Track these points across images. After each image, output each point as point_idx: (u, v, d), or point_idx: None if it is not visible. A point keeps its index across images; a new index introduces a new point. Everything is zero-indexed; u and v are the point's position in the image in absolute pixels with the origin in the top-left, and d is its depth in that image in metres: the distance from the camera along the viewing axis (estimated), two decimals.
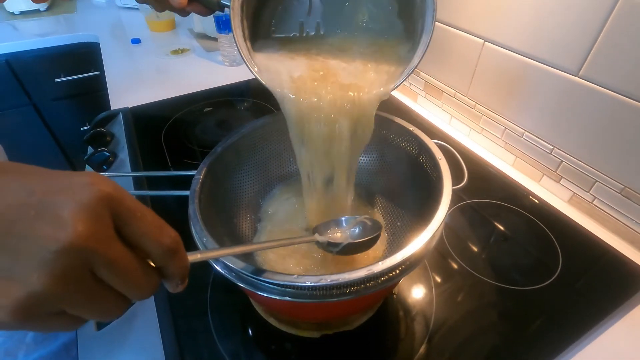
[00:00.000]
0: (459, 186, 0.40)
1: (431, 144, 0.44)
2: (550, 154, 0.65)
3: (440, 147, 0.44)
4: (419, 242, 0.33)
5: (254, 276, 0.32)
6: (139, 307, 0.51)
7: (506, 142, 0.73)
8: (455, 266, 0.55)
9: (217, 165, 0.47)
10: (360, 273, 0.31)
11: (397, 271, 0.34)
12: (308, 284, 0.31)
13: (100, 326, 0.51)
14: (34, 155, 1.53)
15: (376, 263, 0.31)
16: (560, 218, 0.61)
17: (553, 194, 0.68)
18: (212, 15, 0.71)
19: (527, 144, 0.69)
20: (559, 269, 0.54)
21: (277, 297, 0.32)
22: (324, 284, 0.31)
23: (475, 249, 0.57)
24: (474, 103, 0.77)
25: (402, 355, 0.45)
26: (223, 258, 0.34)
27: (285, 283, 0.31)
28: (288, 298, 0.32)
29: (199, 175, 0.43)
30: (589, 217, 0.63)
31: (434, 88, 0.86)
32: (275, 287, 0.32)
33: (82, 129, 1.50)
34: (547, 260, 0.55)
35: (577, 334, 0.46)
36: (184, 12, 0.55)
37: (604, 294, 0.51)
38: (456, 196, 0.62)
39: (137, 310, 0.51)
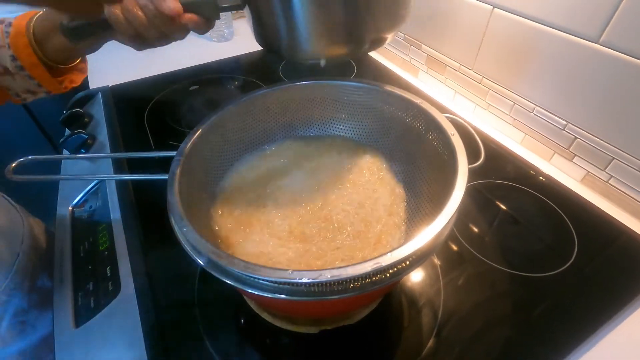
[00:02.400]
0: (475, 165, 0.35)
1: (442, 118, 0.39)
2: (563, 130, 0.61)
3: (451, 122, 0.39)
4: (433, 228, 0.28)
5: (242, 272, 0.27)
6: (118, 301, 0.47)
7: (515, 119, 0.68)
8: (463, 252, 0.50)
9: (201, 145, 0.42)
10: (366, 267, 0.26)
11: (407, 263, 0.29)
12: (305, 280, 0.26)
13: (78, 323, 0.47)
14: (15, 139, 1.45)
15: (384, 255, 0.27)
16: (574, 199, 0.57)
17: (565, 174, 0.63)
18: None
19: (537, 119, 0.64)
20: (575, 253, 0.50)
21: (269, 295, 0.28)
22: (323, 280, 0.26)
23: (484, 233, 0.53)
24: (480, 77, 0.71)
25: (409, 350, 0.41)
26: (208, 252, 0.29)
27: (279, 280, 0.27)
28: (282, 296, 0.28)
29: (179, 156, 0.38)
30: (604, 198, 0.59)
31: (436, 62, 0.80)
32: (267, 283, 0.28)
33: (65, 112, 1.42)
34: (561, 244, 0.51)
35: (595, 324, 0.43)
36: (178, 32, 0.39)
37: (623, 280, 0.47)
38: None
39: (117, 305, 0.46)
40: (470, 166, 0.33)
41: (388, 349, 0.42)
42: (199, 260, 0.30)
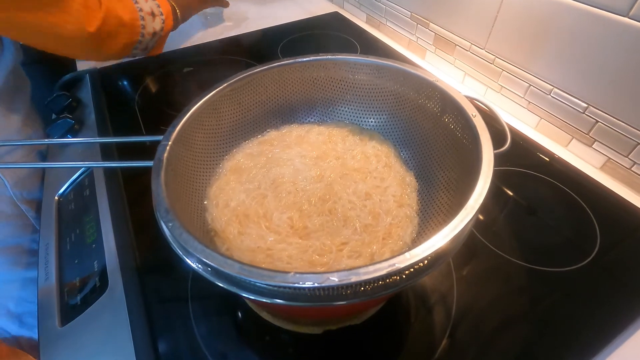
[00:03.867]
0: (501, 150, 0.31)
1: (461, 97, 0.34)
2: (583, 113, 0.56)
3: (471, 102, 0.35)
4: (458, 222, 0.25)
5: (237, 275, 0.24)
6: (106, 298, 0.43)
7: (529, 102, 0.64)
8: (477, 245, 0.47)
9: (192, 129, 0.38)
10: (381, 269, 0.23)
11: (426, 263, 0.25)
12: (309, 284, 0.22)
13: (64, 321, 0.44)
14: None
15: (402, 254, 0.23)
16: (595, 187, 0.54)
17: (583, 160, 0.59)
18: None
19: (555, 102, 0.60)
20: (597, 246, 0.46)
21: (267, 300, 0.24)
22: (331, 284, 0.22)
23: (498, 224, 0.50)
24: (493, 57, 0.67)
25: (421, 351, 0.38)
26: (197, 252, 0.25)
27: (279, 285, 0.23)
28: (281, 301, 0.24)
29: (166, 141, 0.34)
30: (626, 186, 0.55)
31: (445, 41, 0.75)
32: (266, 287, 0.24)
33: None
34: (583, 236, 0.48)
35: (621, 324, 0.39)
36: None
37: None
38: None
39: (104, 302, 0.43)
40: (495, 151, 0.29)
41: (397, 351, 0.39)
42: (187, 260, 0.26)
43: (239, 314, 0.42)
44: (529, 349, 0.38)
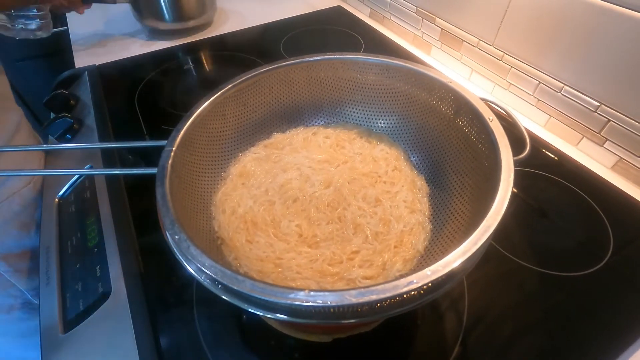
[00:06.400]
0: (520, 156, 0.30)
1: (476, 100, 0.33)
2: (595, 112, 0.55)
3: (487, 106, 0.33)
4: (479, 236, 0.24)
5: (249, 293, 0.22)
6: (109, 305, 0.42)
7: (539, 100, 0.63)
8: (488, 249, 0.45)
9: (196, 133, 0.36)
10: (399, 287, 0.22)
11: (443, 277, 0.24)
12: (323, 304, 0.21)
13: (66, 328, 0.43)
14: None
15: (422, 271, 0.22)
16: (607, 188, 0.52)
17: (594, 160, 0.58)
18: None
19: (565, 100, 0.58)
20: (611, 248, 0.45)
21: (278, 317, 0.23)
22: (347, 303, 0.21)
23: (509, 227, 0.48)
24: (502, 53, 0.65)
25: None
26: (206, 268, 0.24)
27: (293, 304, 0.22)
28: (294, 319, 0.23)
29: (170, 146, 0.33)
30: (638, 187, 0.54)
31: (452, 37, 0.74)
32: (278, 304, 0.23)
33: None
34: (596, 239, 0.47)
35: (638, 330, 0.38)
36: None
37: None
38: None
39: (107, 308, 0.42)
40: (515, 158, 0.28)
41: (408, 359, 0.38)
42: (195, 275, 0.25)
43: (245, 321, 0.41)
44: (544, 357, 0.37)
